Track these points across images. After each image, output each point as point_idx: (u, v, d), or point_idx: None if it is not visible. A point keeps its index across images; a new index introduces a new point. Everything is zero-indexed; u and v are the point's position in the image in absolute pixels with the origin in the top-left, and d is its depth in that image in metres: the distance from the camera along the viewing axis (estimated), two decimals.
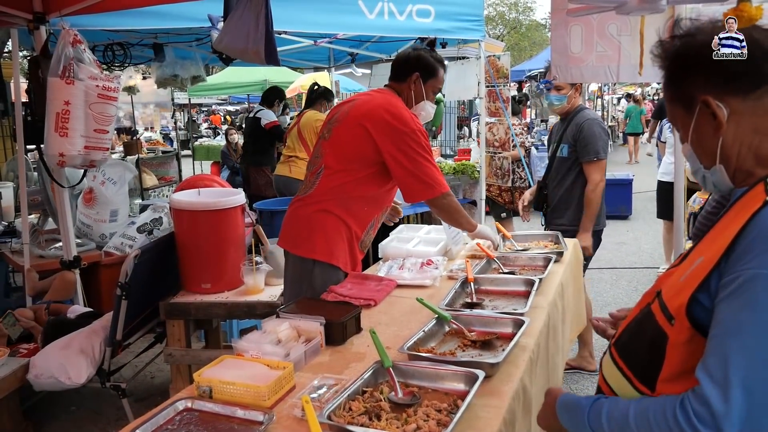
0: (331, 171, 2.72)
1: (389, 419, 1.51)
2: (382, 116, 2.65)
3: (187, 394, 1.74)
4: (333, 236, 2.74)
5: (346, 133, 2.72)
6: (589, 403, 1.24)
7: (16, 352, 3.47)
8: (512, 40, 31.76)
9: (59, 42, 3.37)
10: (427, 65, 2.84)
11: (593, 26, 3.44)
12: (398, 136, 2.63)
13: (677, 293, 1.13)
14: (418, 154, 2.64)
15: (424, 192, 2.72)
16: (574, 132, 3.87)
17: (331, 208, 2.71)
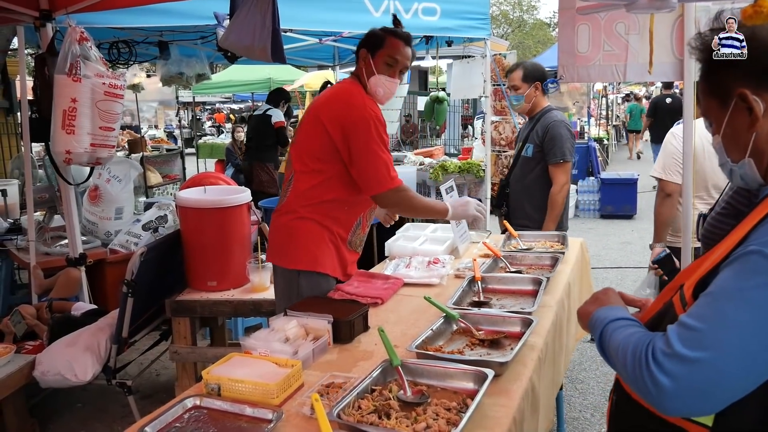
0: (301, 175, 2.61)
1: (399, 418, 1.50)
2: (331, 106, 2.57)
3: (195, 391, 1.74)
4: (315, 243, 2.61)
5: (307, 132, 2.62)
6: (604, 323, 1.28)
7: (21, 348, 3.48)
8: (516, 39, 31.71)
9: (66, 39, 3.37)
10: (372, 37, 2.66)
11: (601, 25, 3.42)
12: (347, 125, 2.49)
13: (693, 283, 1.16)
14: (365, 144, 2.49)
15: (369, 187, 2.56)
16: (541, 133, 3.84)
17: (307, 214, 2.59)
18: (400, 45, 2.66)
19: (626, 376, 1.12)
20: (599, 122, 17.17)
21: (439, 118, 8.28)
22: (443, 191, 3.23)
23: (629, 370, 1.10)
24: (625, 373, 1.13)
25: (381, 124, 2.55)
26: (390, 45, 2.64)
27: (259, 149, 7.29)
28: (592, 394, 3.93)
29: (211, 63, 7.51)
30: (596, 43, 3.44)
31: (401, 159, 6.64)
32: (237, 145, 10.47)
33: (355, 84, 2.66)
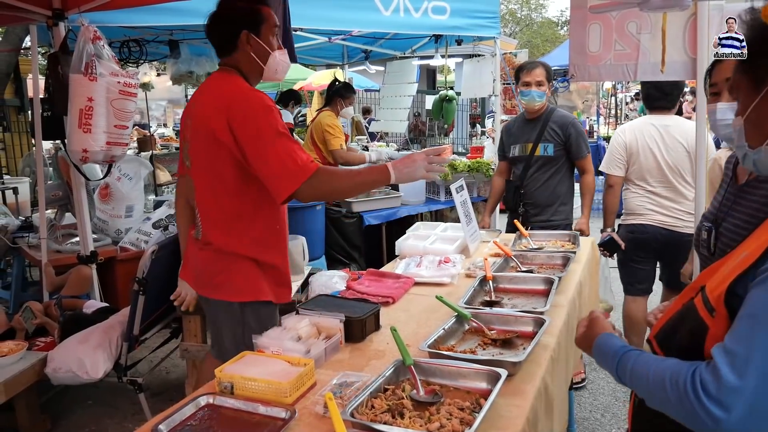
0: (206, 199, 2.37)
1: (412, 417, 1.50)
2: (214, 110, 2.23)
3: (208, 390, 1.75)
4: (248, 273, 2.37)
5: (200, 150, 2.33)
6: (620, 353, 1.28)
7: (33, 345, 3.50)
8: (524, 38, 31.62)
9: (80, 38, 3.38)
10: (246, 12, 2.31)
11: (612, 24, 3.41)
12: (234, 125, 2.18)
13: (718, 285, 1.13)
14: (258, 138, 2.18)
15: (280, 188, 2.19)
16: (561, 131, 3.94)
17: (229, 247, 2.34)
18: (271, 10, 2.38)
19: (669, 407, 1.11)
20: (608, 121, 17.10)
21: (447, 117, 8.25)
22: (453, 190, 3.23)
23: (673, 402, 1.08)
24: (666, 405, 1.11)
25: (271, 111, 2.22)
26: (268, 15, 2.35)
27: None
28: (602, 395, 3.92)
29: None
30: (608, 42, 3.43)
31: None
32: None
33: (228, 76, 2.33)
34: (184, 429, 1.56)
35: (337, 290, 2.77)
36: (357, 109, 14.58)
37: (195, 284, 2.56)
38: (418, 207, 5.52)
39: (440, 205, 5.70)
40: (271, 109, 2.22)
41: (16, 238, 4.86)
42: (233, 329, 2.43)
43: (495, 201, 4.47)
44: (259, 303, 2.40)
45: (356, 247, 5.20)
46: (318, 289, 2.91)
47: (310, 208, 4.72)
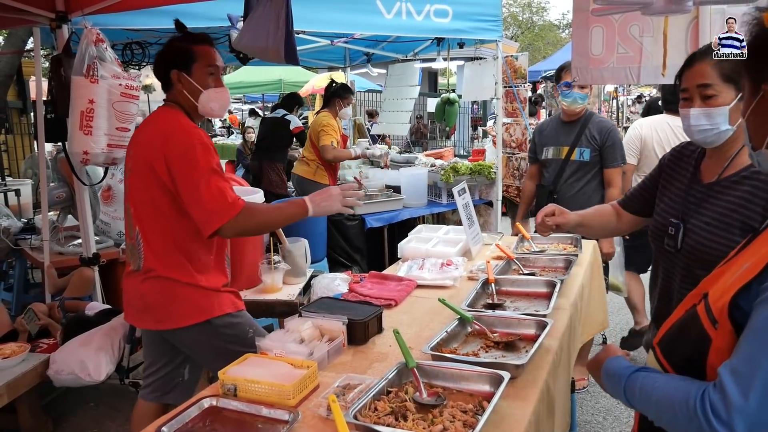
0: (146, 228, 2.38)
1: (415, 420, 1.50)
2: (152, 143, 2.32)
3: (211, 392, 1.75)
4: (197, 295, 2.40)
5: (138, 180, 2.38)
6: (627, 374, 1.29)
7: (36, 347, 3.50)
8: (526, 41, 31.64)
9: (82, 41, 3.39)
10: (177, 53, 2.40)
11: (615, 27, 3.41)
12: (169, 159, 2.26)
13: (721, 296, 1.12)
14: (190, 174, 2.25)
15: (207, 222, 2.26)
16: (598, 136, 3.84)
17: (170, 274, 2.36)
18: (210, 49, 2.45)
19: (679, 428, 1.11)
20: None
21: (450, 120, 8.27)
22: (456, 193, 3.23)
23: (683, 424, 1.08)
24: (675, 426, 1.12)
25: (207, 148, 2.30)
26: (202, 54, 2.41)
27: (270, 150, 7.36)
28: (604, 398, 3.91)
29: None
30: (610, 45, 3.43)
31: (412, 160, 6.64)
32: (248, 146, 10.51)
33: (170, 111, 2.42)
34: (187, 431, 1.56)
35: (340, 293, 2.77)
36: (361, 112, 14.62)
37: (148, 323, 2.50)
38: (420, 210, 5.52)
39: (442, 207, 5.70)
40: (206, 147, 2.30)
41: (19, 239, 4.87)
42: (213, 344, 2.44)
43: (527, 206, 4.31)
44: (222, 316, 2.43)
45: (358, 249, 5.20)
46: (320, 292, 2.92)
47: None
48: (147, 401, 2.67)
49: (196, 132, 2.33)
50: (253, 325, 2.54)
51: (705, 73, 1.82)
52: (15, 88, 8.93)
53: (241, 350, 2.24)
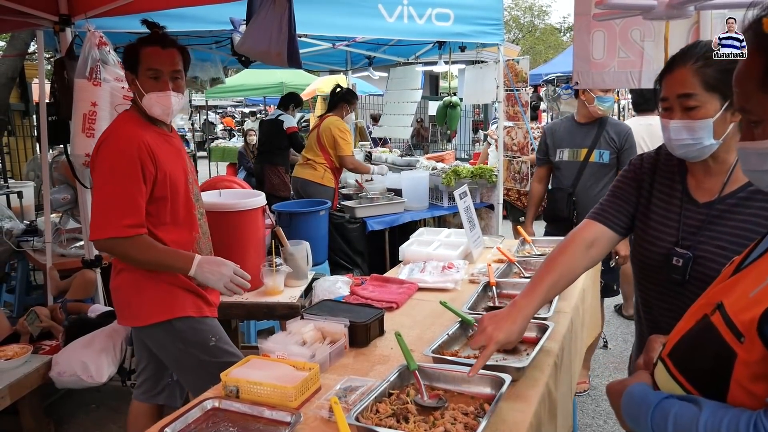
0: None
1: (417, 422, 1.51)
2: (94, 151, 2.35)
3: (214, 393, 1.76)
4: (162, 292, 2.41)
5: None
6: (655, 401, 1.14)
7: (38, 349, 3.52)
8: (527, 44, 31.67)
9: (85, 44, 3.41)
10: (128, 54, 2.40)
11: (616, 32, 3.42)
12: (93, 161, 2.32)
13: (746, 308, 1.03)
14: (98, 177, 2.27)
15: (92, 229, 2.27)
16: (617, 139, 3.85)
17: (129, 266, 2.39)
18: (158, 51, 2.38)
19: None
20: None
21: (452, 123, 8.27)
22: (457, 196, 3.24)
23: None
24: None
25: (135, 159, 2.26)
26: (146, 56, 2.37)
27: (271, 153, 7.37)
28: (605, 401, 3.92)
29: (225, 67, 7.57)
30: (611, 50, 3.44)
31: (413, 164, 6.65)
32: (249, 149, 10.53)
33: (122, 115, 2.45)
34: None
35: (341, 295, 2.78)
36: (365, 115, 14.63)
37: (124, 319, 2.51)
38: (421, 213, 5.53)
39: (443, 211, 5.71)
40: (123, 155, 2.25)
41: (21, 242, 4.89)
42: (175, 346, 2.45)
43: (536, 209, 4.29)
44: (184, 318, 2.43)
45: (360, 252, 5.21)
46: (322, 294, 2.93)
47: (313, 214, 4.74)
48: (140, 401, 2.70)
49: (133, 138, 2.29)
50: (217, 333, 2.51)
51: (686, 81, 1.65)
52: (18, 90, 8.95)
53: (202, 358, 2.28)
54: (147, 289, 2.38)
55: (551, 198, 4.07)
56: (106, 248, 2.30)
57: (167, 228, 2.40)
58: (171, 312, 2.40)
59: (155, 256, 2.32)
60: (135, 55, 2.38)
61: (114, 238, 2.22)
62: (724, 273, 1.24)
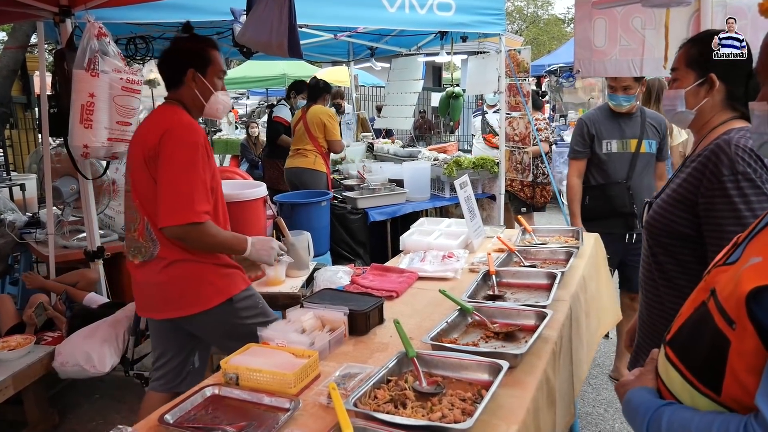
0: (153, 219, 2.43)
1: (414, 407, 1.52)
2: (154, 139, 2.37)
3: (214, 381, 1.77)
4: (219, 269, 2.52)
5: (140, 174, 2.44)
6: (651, 409, 1.16)
7: (41, 339, 3.54)
8: (531, 35, 31.55)
9: (84, 35, 3.41)
10: (197, 55, 2.51)
11: (617, 20, 3.42)
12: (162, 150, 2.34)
13: (730, 294, 1.04)
14: (177, 166, 2.33)
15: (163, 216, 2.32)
16: (658, 129, 3.77)
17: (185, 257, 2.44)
18: (220, 56, 2.58)
19: None
20: None
21: (454, 114, 8.27)
22: (457, 186, 3.24)
23: None
24: None
25: (204, 150, 2.39)
26: (215, 58, 2.54)
27: (269, 146, 7.43)
28: (605, 390, 3.92)
29: (227, 59, 7.56)
30: (613, 38, 3.44)
31: (415, 155, 6.65)
32: (251, 141, 10.52)
33: (172, 108, 2.50)
34: (190, 419, 1.58)
35: (342, 285, 2.79)
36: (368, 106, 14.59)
37: (168, 311, 2.53)
38: (422, 203, 5.54)
39: (445, 201, 5.71)
40: (204, 148, 2.39)
41: (24, 234, 4.90)
42: (231, 323, 2.53)
43: (579, 204, 3.93)
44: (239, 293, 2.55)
45: (361, 243, 5.22)
46: (323, 284, 2.94)
47: (315, 205, 4.75)
48: (158, 392, 2.69)
49: (199, 130, 2.41)
50: (260, 296, 2.70)
51: (677, 58, 1.97)
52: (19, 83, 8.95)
53: (258, 320, 2.42)
54: (204, 275, 2.47)
55: (601, 194, 3.81)
56: (180, 234, 2.35)
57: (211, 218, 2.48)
58: (228, 291, 2.51)
59: (222, 239, 2.46)
60: (205, 55, 2.51)
61: (191, 224, 2.31)
62: (721, 253, 1.24)
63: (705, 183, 1.81)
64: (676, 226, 1.90)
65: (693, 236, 1.86)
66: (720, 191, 1.77)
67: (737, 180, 1.74)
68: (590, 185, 3.87)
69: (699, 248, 1.84)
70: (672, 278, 1.94)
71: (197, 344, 2.71)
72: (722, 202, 1.76)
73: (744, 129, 1.83)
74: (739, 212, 1.73)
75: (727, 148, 1.77)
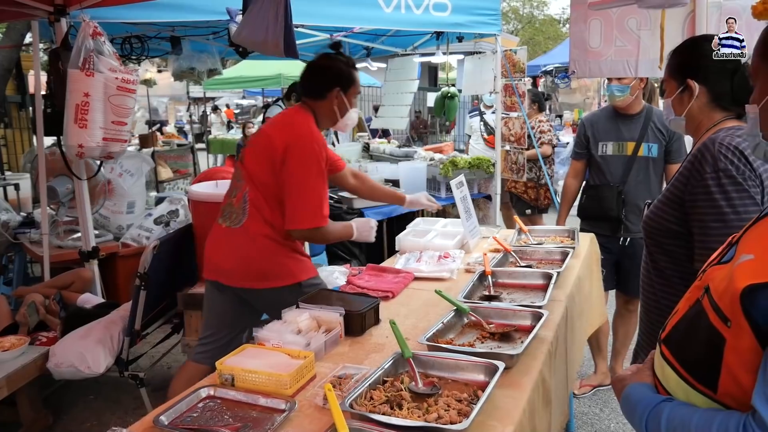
0: (258, 197, 2.65)
1: (410, 408, 1.52)
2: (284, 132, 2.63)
3: (209, 382, 1.76)
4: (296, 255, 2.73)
5: (258, 155, 2.66)
6: (650, 406, 1.16)
7: (35, 340, 3.51)
8: (527, 35, 31.58)
9: (79, 34, 3.39)
10: (345, 76, 2.77)
11: (612, 20, 3.42)
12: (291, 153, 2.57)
13: (724, 291, 1.04)
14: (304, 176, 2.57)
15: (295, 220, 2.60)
16: (665, 131, 3.55)
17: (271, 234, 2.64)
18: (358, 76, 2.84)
19: None
20: None
21: (450, 114, 8.24)
22: (453, 186, 3.24)
23: None
24: None
25: (325, 160, 2.65)
26: (357, 82, 2.80)
27: None
28: (600, 389, 3.93)
29: (222, 58, 7.55)
30: (608, 39, 3.44)
31: (411, 155, 6.64)
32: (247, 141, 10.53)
33: (307, 115, 2.72)
34: (184, 420, 1.58)
35: (338, 285, 2.79)
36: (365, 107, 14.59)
37: (238, 280, 2.70)
38: None
39: (441, 201, 5.67)
40: (325, 159, 2.65)
41: (18, 233, 4.88)
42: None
43: (569, 206, 4.01)
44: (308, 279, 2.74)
45: (357, 243, 5.20)
46: None
47: None
48: (200, 363, 2.81)
49: (322, 141, 2.68)
50: (325, 285, 2.83)
51: (665, 68, 2.07)
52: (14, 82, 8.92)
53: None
54: (282, 256, 2.67)
55: (595, 195, 3.77)
56: (307, 235, 2.70)
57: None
58: (300, 275, 2.71)
59: (337, 233, 2.79)
60: (351, 78, 2.77)
61: (318, 228, 2.60)
62: (717, 252, 1.25)
63: (691, 181, 1.86)
64: (668, 224, 1.94)
65: (684, 234, 1.90)
66: (702, 188, 1.82)
67: (719, 177, 1.79)
68: (588, 185, 3.88)
69: (692, 246, 1.87)
70: (667, 276, 1.97)
71: (252, 323, 2.74)
72: (704, 199, 1.82)
73: (733, 128, 1.87)
74: (720, 209, 1.78)
75: (711, 147, 1.83)
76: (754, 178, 1.78)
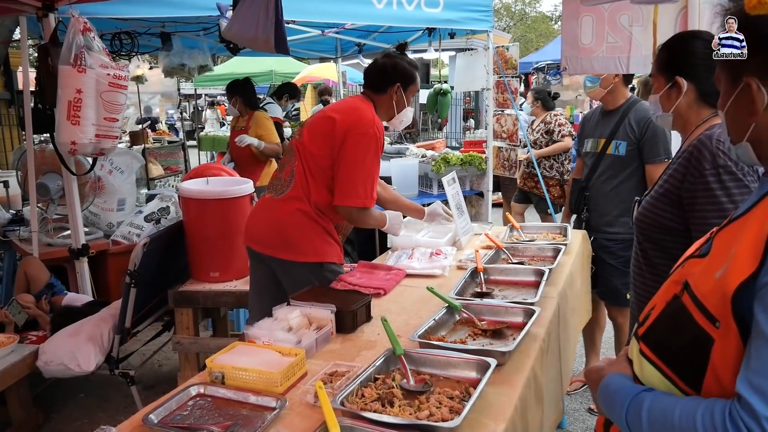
0: (306, 171, 2.74)
1: (402, 406, 1.51)
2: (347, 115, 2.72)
3: (199, 380, 1.75)
4: (326, 236, 2.79)
5: (316, 134, 2.76)
6: (631, 395, 1.13)
7: (25, 338, 3.49)
8: (518, 32, 31.63)
9: (69, 30, 3.36)
10: (407, 74, 2.87)
11: (604, 17, 3.42)
12: (351, 133, 2.66)
13: (714, 290, 1.02)
14: (362, 154, 2.67)
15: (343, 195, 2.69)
16: (637, 128, 3.37)
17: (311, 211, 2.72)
18: (419, 77, 2.95)
19: None
20: None
21: (442, 111, 8.22)
22: (445, 183, 3.24)
23: None
24: None
25: (382, 146, 2.77)
26: (417, 82, 2.93)
27: None
28: None
29: (213, 54, 7.50)
30: (600, 35, 3.44)
31: (403, 151, 6.63)
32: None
33: (369, 104, 2.83)
34: (174, 418, 1.56)
35: None
36: None
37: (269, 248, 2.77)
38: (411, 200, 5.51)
39: (433, 198, 5.67)
40: (381, 144, 2.76)
41: (7, 231, 4.84)
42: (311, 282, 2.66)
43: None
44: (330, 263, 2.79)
45: (349, 241, 5.20)
46: None
47: None
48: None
49: (382, 128, 2.76)
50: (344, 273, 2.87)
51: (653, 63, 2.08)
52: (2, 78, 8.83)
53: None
54: (315, 233, 2.74)
55: (570, 189, 3.81)
56: (349, 213, 2.74)
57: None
58: (325, 256, 2.76)
59: (375, 219, 2.86)
60: (412, 77, 2.88)
61: (362, 208, 2.69)
62: (695, 245, 1.25)
63: (689, 178, 1.87)
64: (664, 220, 1.95)
65: (681, 230, 1.91)
66: (702, 185, 1.83)
67: (718, 173, 1.81)
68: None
69: (688, 242, 1.86)
70: (661, 273, 1.95)
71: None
72: (705, 195, 1.82)
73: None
74: (721, 204, 1.79)
75: (709, 143, 1.84)
76: (752, 173, 1.79)
